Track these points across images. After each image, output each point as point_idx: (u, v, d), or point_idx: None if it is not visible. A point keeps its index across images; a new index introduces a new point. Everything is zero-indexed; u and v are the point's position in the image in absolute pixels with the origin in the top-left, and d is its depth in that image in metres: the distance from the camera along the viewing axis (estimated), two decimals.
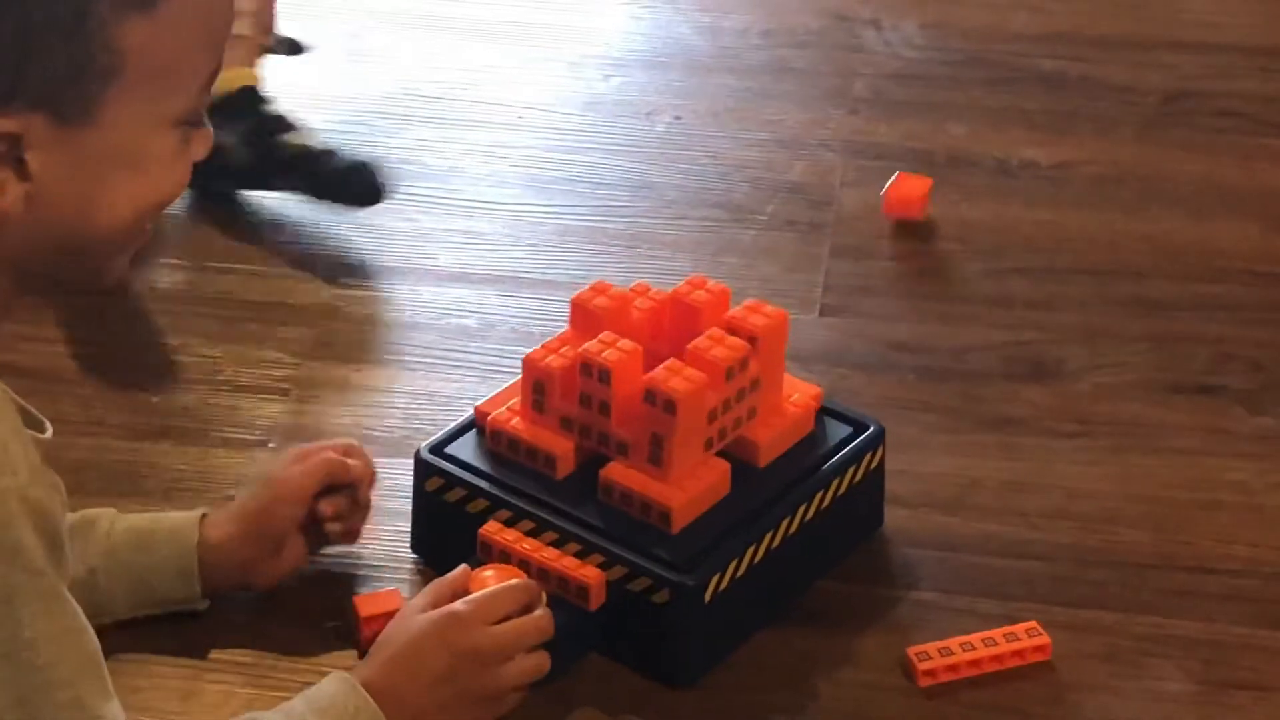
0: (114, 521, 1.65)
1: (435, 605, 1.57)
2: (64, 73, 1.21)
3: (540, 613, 1.59)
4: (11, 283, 1.30)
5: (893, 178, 2.28)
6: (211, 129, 1.32)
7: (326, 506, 1.69)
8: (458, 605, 1.56)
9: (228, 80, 2.18)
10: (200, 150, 1.31)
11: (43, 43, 1.20)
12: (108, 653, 1.35)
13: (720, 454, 1.69)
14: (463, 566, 1.63)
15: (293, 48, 2.41)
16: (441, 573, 1.68)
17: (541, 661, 1.59)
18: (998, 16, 2.63)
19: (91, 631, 1.32)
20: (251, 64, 2.26)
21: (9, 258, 1.28)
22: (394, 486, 1.84)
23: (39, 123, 1.21)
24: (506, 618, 1.57)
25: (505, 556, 1.66)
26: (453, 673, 1.54)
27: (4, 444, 1.24)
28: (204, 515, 1.67)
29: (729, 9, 2.66)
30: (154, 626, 1.69)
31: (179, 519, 1.66)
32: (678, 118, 2.44)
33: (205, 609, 1.68)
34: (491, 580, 1.61)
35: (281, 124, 2.22)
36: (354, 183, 2.16)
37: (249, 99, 2.21)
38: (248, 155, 2.19)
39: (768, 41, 2.60)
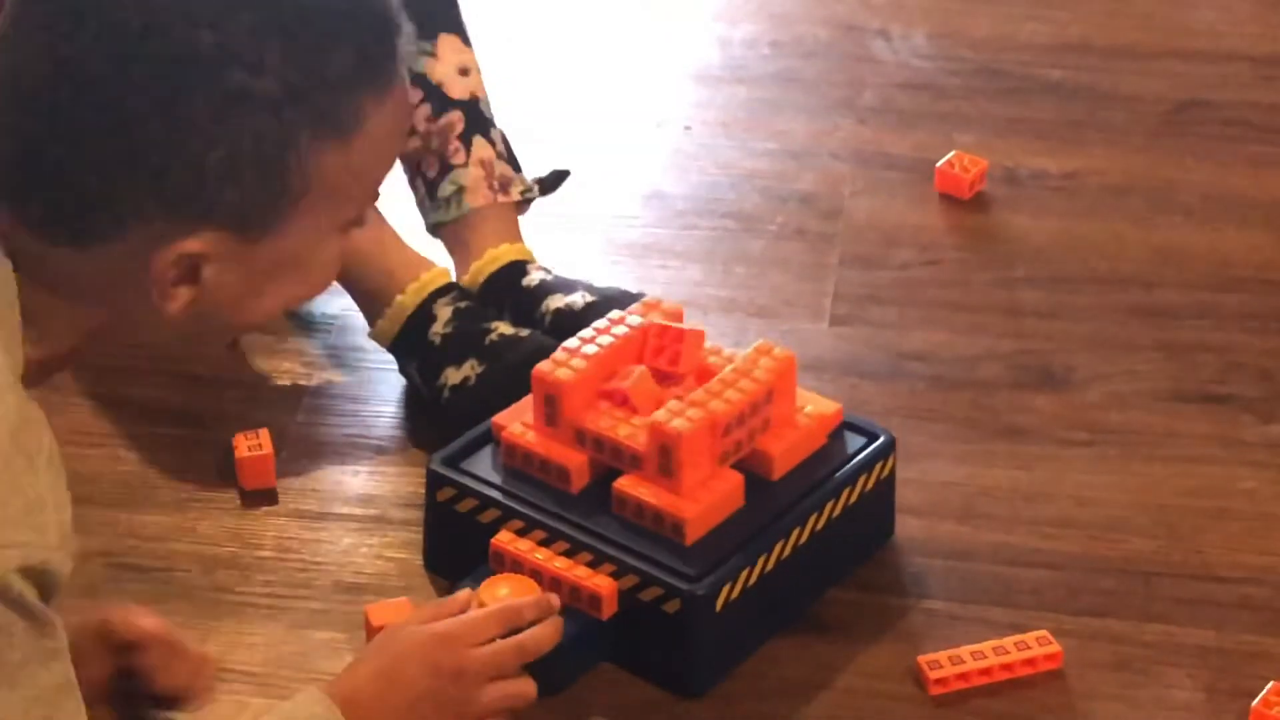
0: None
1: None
2: (257, 197, 1.22)
3: (527, 634, 1.58)
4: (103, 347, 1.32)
5: (949, 154, 2.31)
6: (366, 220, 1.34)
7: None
8: (444, 625, 1.56)
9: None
10: (352, 240, 1.34)
11: (244, 171, 1.21)
12: None
13: (734, 466, 1.70)
14: (465, 592, 1.62)
15: (554, 181, 2.10)
16: (453, 581, 1.69)
17: (524, 689, 1.58)
18: (1006, 26, 2.63)
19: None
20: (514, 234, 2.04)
21: (143, 338, 1.31)
22: (407, 496, 1.85)
23: (220, 239, 1.22)
24: (495, 639, 1.57)
25: (517, 566, 1.66)
26: (433, 692, 1.53)
27: (41, 503, 1.22)
28: None
29: (738, 20, 2.67)
30: None
31: None
32: (687, 128, 2.45)
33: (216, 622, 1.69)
34: (505, 591, 1.62)
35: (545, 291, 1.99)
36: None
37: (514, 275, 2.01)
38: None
39: (777, 52, 2.60)
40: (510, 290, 1.98)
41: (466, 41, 2.06)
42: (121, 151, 1.20)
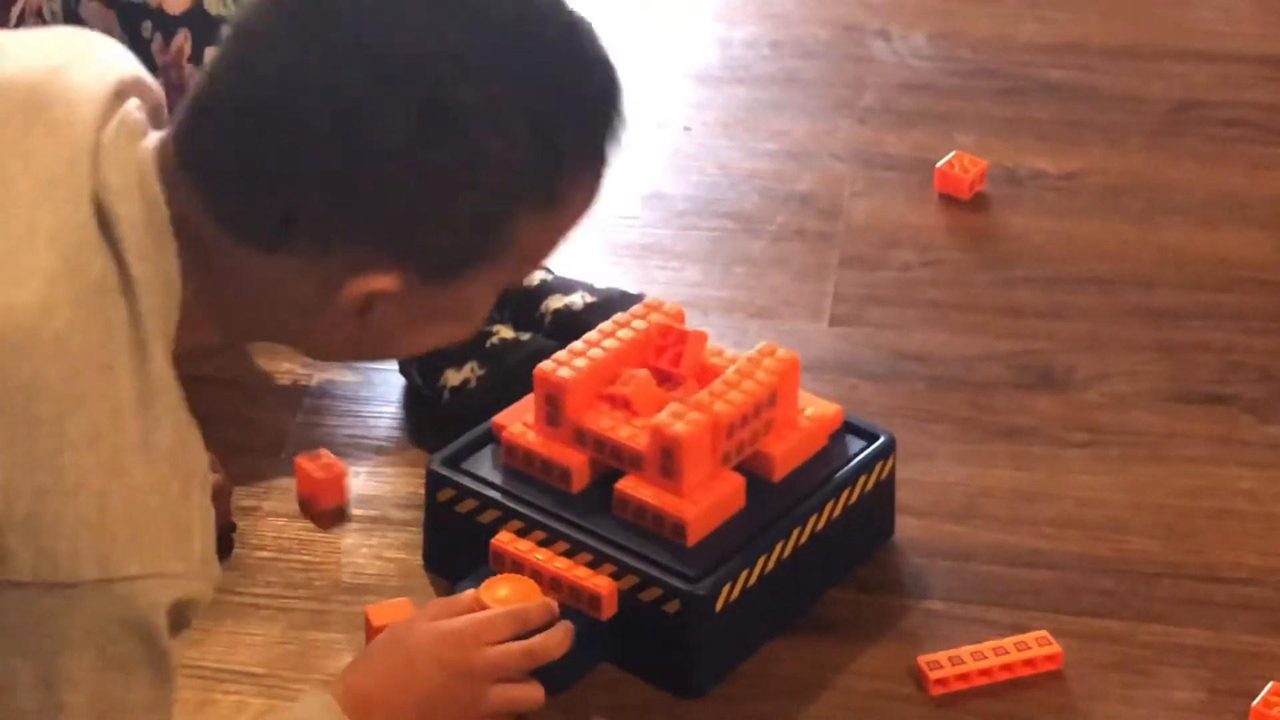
0: None
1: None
2: (459, 251, 1.21)
3: (538, 639, 1.58)
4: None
5: (949, 155, 2.31)
6: None
7: None
8: (454, 623, 1.56)
9: None
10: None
11: (461, 225, 1.20)
12: None
13: (735, 468, 1.70)
14: (470, 592, 1.63)
15: None
16: (453, 582, 1.69)
17: (532, 693, 1.58)
18: (1006, 27, 2.63)
19: None
20: None
21: (287, 342, 1.31)
22: (407, 496, 1.85)
23: (407, 281, 1.21)
24: (506, 640, 1.57)
25: (517, 566, 1.66)
26: (441, 689, 1.53)
27: (190, 530, 1.21)
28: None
29: (738, 20, 2.67)
30: None
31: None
32: (687, 128, 2.45)
33: (216, 624, 1.69)
34: (505, 591, 1.62)
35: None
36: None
37: None
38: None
39: (777, 52, 2.60)
40: (510, 290, 1.98)
41: None
42: (351, 179, 1.17)
